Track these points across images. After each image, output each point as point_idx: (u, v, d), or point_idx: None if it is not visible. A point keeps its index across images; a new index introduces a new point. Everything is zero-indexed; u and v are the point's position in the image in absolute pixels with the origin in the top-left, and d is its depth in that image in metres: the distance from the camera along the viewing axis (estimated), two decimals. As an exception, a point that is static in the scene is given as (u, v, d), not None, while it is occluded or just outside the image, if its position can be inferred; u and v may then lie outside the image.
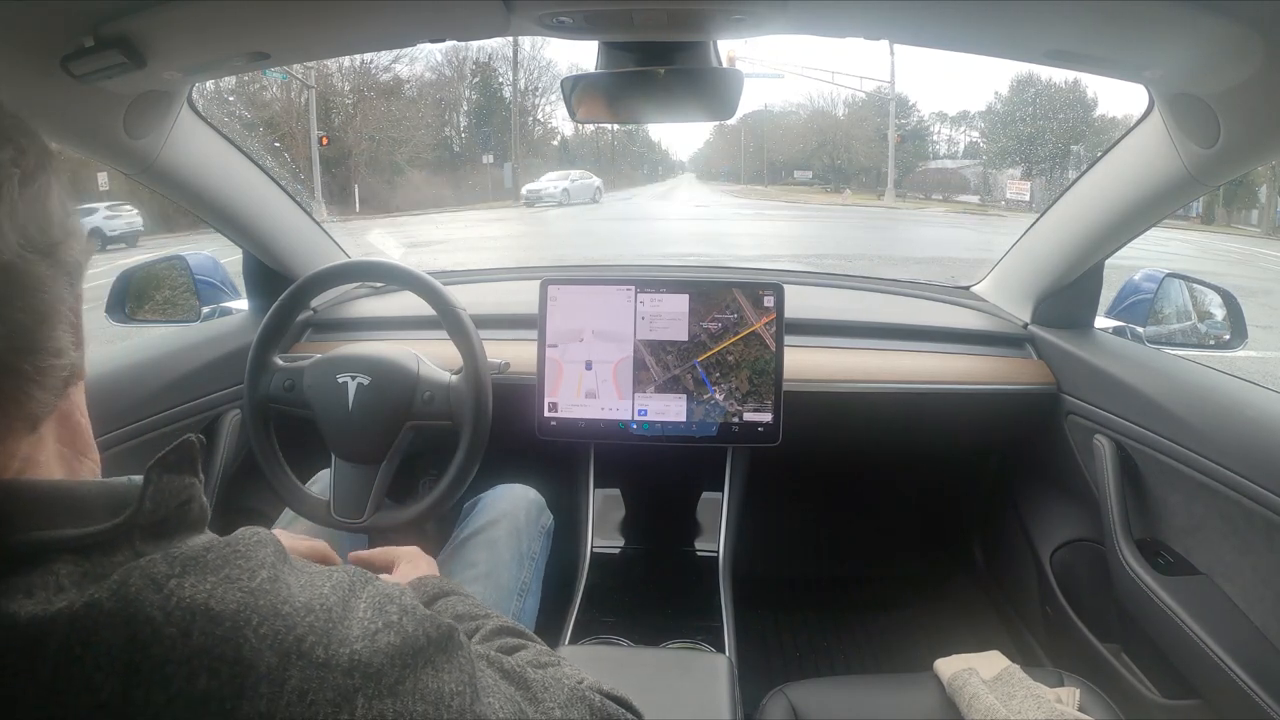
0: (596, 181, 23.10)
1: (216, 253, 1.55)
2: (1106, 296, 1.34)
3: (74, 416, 0.39)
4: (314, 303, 1.44)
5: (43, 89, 0.78)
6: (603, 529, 1.34)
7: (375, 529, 1.04)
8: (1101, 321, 1.35)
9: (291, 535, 0.83)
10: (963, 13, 0.74)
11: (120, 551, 0.34)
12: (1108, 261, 1.24)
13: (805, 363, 1.29)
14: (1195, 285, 1.33)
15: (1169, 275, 1.32)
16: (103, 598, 0.31)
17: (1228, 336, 1.25)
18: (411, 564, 0.79)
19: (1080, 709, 0.87)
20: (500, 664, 0.45)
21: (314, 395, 1.03)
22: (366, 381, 1.02)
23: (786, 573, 1.76)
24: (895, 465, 1.71)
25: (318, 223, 1.46)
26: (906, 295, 1.58)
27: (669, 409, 1.19)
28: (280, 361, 1.08)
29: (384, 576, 0.78)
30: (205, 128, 1.10)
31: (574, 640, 1.07)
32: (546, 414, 1.20)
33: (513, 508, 1.10)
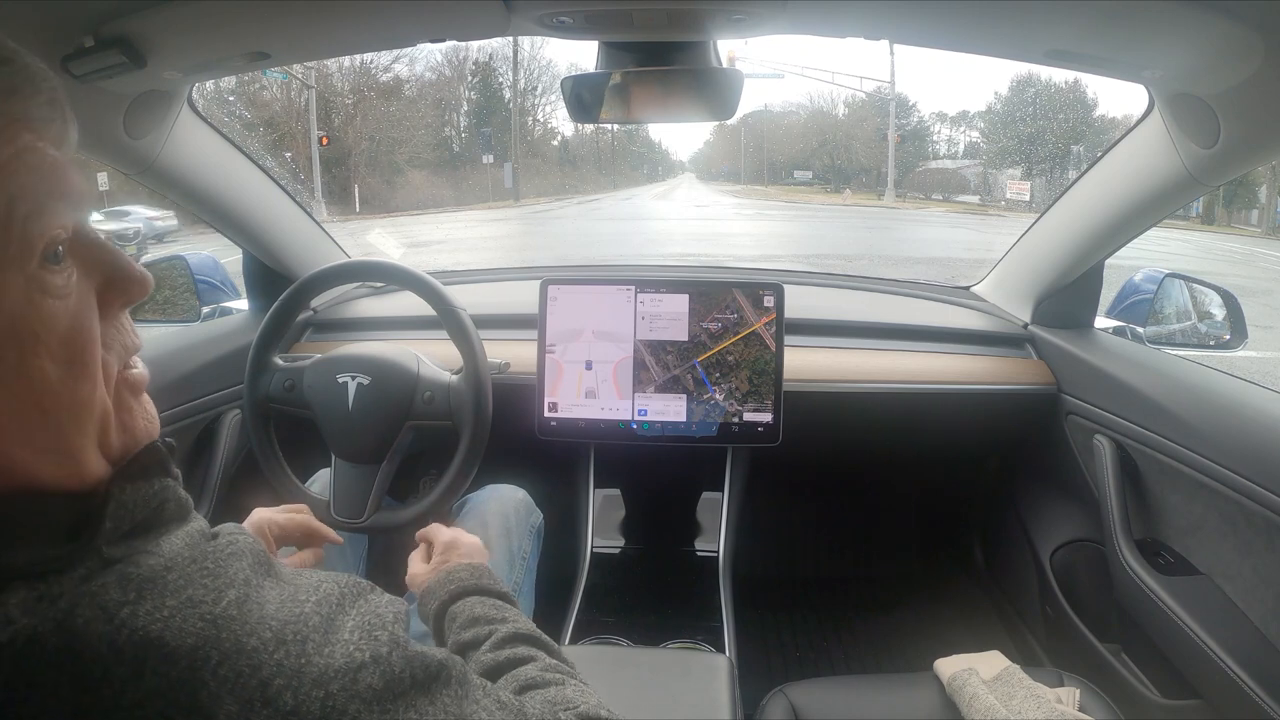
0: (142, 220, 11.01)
1: (216, 253, 1.55)
2: (1106, 296, 1.34)
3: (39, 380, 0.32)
4: (314, 303, 1.44)
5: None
6: (603, 529, 1.34)
7: (375, 529, 1.04)
8: (1101, 321, 1.35)
9: (275, 510, 0.82)
10: (963, 13, 0.74)
11: (83, 564, 0.30)
12: (1108, 261, 1.24)
13: (805, 363, 1.29)
14: (1195, 285, 1.33)
15: (1169, 275, 1.32)
16: (46, 631, 0.28)
17: (1228, 336, 1.25)
18: (447, 554, 0.76)
19: (1080, 709, 0.87)
20: (497, 695, 0.42)
21: (314, 395, 1.03)
22: (366, 381, 1.02)
23: (786, 573, 1.77)
24: (895, 465, 1.71)
25: (318, 223, 1.46)
26: (906, 295, 1.58)
27: (669, 409, 1.19)
28: (280, 361, 1.07)
29: (414, 561, 0.77)
30: (205, 128, 1.10)
31: (574, 640, 1.07)
32: (546, 414, 1.20)
33: (502, 508, 1.10)
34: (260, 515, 0.80)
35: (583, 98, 0.90)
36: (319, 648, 0.32)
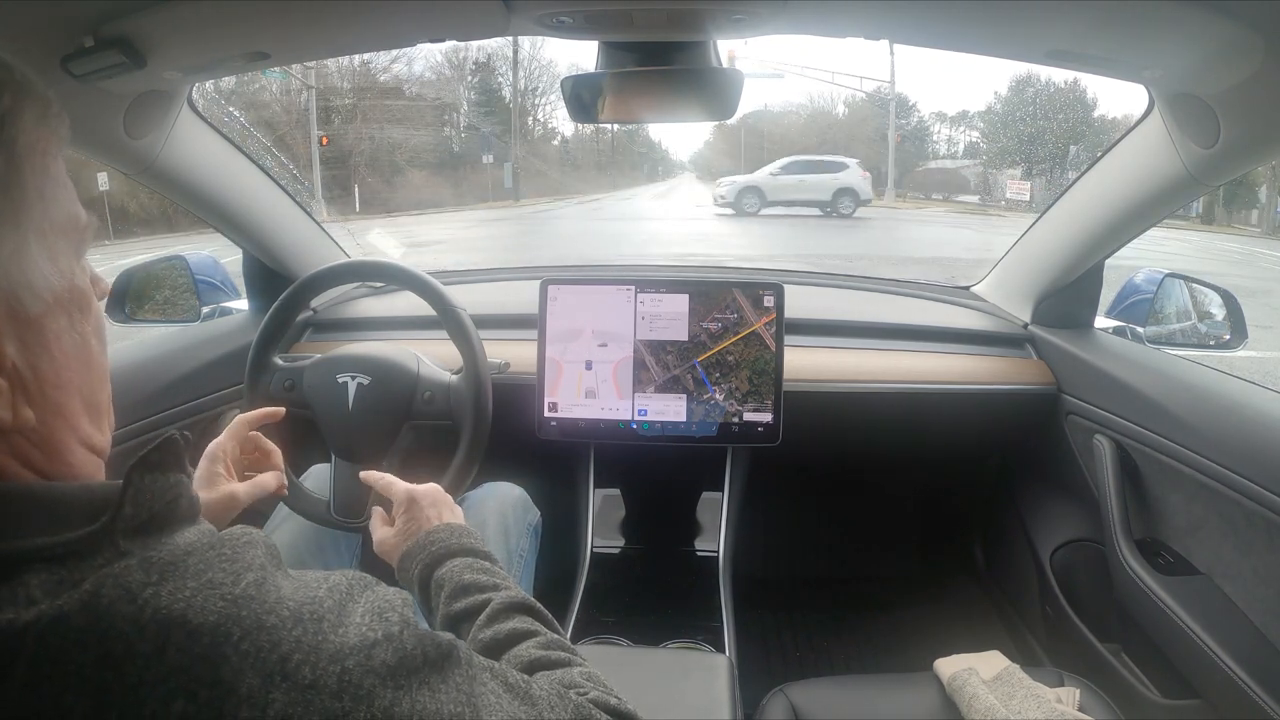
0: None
1: (216, 253, 1.55)
2: (1106, 296, 1.34)
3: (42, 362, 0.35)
4: (314, 303, 1.44)
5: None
6: (603, 529, 1.34)
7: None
8: (1101, 321, 1.35)
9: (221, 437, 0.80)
10: (963, 13, 0.74)
11: (100, 554, 0.32)
12: (1108, 261, 1.24)
13: (805, 363, 1.29)
14: (1195, 285, 1.33)
15: (1169, 275, 1.32)
16: (72, 610, 0.29)
17: (1228, 336, 1.25)
18: (410, 512, 0.72)
19: (1080, 709, 0.87)
20: (505, 677, 0.42)
21: (314, 395, 1.03)
22: (366, 381, 1.02)
23: (786, 573, 1.76)
24: (895, 465, 1.71)
25: (318, 223, 1.46)
26: (907, 295, 1.58)
27: (669, 409, 1.19)
28: (280, 361, 1.07)
29: (376, 527, 0.75)
30: (205, 128, 1.10)
31: (573, 640, 1.07)
32: (546, 414, 1.20)
33: (500, 506, 1.10)
34: (215, 450, 0.79)
35: (583, 98, 0.90)
36: (334, 627, 0.33)
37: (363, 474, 0.83)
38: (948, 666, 0.94)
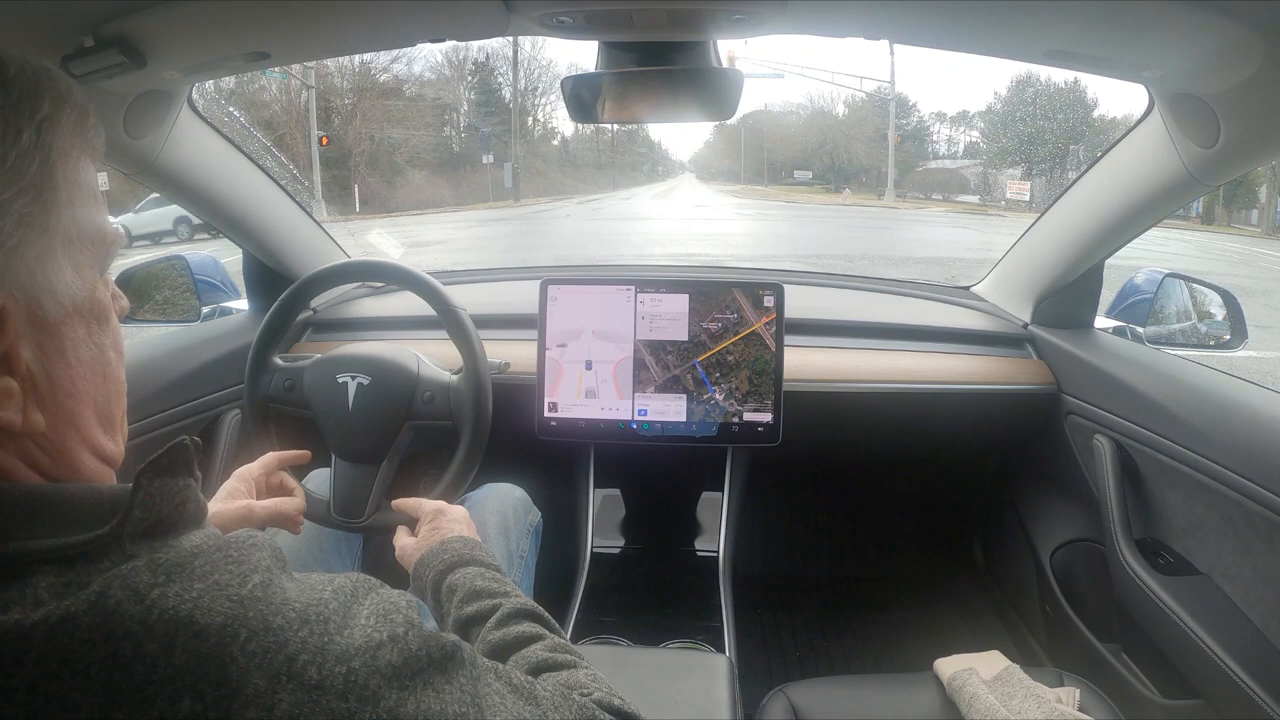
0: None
1: (216, 253, 1.55)
2: (1106, 296, 1.34)
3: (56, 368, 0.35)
4: (314, 303, 1.44)
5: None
6: (603, 529, 1.34)
7: (375, 529, 1.04)
8: (1102, 321, 1.35)
9: (251, 465, 0.85)
10: (963, 13, 0.74)
11: (108, 557, 0.32)
12: (1108, 261, 1.24)
13: (805, 363, 1.29)
14: (1195, 285, 1.33)
15: (1169, 275, 1.32)
16: (80, 610, 0.29)
17: (1228, 336, 1.25)
18: (435, 522, 0.78)
19: (1080, 709, 0.87)
20: (509, 678, 0.43)
21: (314, 395, 1.03)
22: (366, 381, 1.02)
23: (786, 573, 1.77)
24: (895, 465, 1.71)
25: (318, 223, 1.46)
26: (906, 295, 1.58)
27: (669, 409, 1.19)
28: (280, 361, 1.07)
29: (400, 534, 0.80)
30: (205, 128, 1.10)
31: (574, 640, 1.07)
32: (546, 414, 1.20)
33: (500, 506, 1.10)
34: (244, 470, 0.84)
35: (583, 98, 0.90)
36: (339, 629, 0.34)
37: (394, 502, 0.91)
38: (948, 666, 0.94)
